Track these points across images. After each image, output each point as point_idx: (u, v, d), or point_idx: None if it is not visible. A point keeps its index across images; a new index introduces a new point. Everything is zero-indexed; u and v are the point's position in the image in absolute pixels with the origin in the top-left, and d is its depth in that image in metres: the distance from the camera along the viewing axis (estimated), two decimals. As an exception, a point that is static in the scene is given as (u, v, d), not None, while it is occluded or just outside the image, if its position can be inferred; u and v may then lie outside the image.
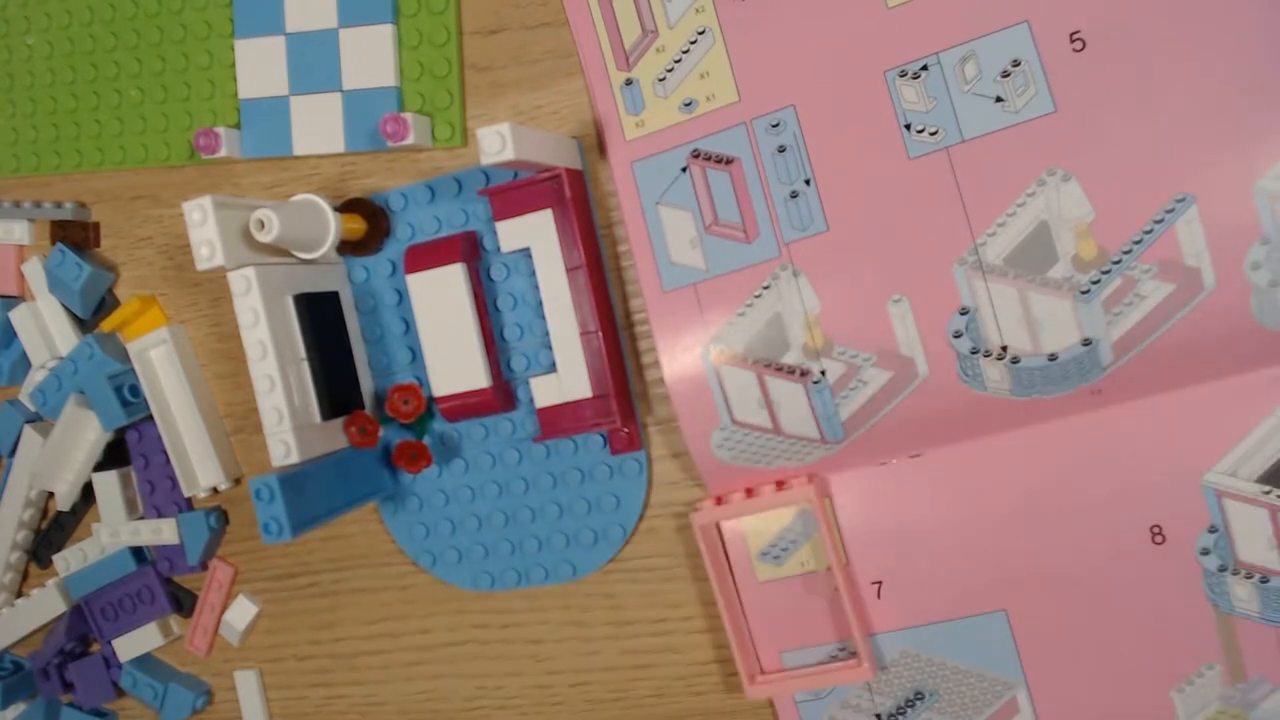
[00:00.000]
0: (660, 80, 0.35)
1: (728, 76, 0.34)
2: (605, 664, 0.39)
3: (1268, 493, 0.31)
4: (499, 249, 0.36)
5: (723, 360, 0.34)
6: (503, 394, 0.37)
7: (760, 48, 0.34)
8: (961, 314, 0.32)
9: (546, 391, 0.36)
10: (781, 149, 0.34)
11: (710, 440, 0.35)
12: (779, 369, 0.34)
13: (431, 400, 0.39)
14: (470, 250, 0.37)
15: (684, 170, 0.35)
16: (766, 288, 0.34)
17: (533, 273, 0.37)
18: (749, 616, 0.36)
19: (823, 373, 0.33)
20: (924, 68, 0.32)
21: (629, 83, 0.36)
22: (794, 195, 0.34)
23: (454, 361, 0.37)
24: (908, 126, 0.32)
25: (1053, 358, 0.31)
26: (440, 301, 0.37)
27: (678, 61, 0.35)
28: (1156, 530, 0.32)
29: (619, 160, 0.36)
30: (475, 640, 0.41)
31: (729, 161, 0.34)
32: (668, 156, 0.35)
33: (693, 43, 0.35)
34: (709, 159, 0.35)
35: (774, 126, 0.34)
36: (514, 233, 0.36)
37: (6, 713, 0.47)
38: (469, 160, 0.39)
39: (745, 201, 0.34)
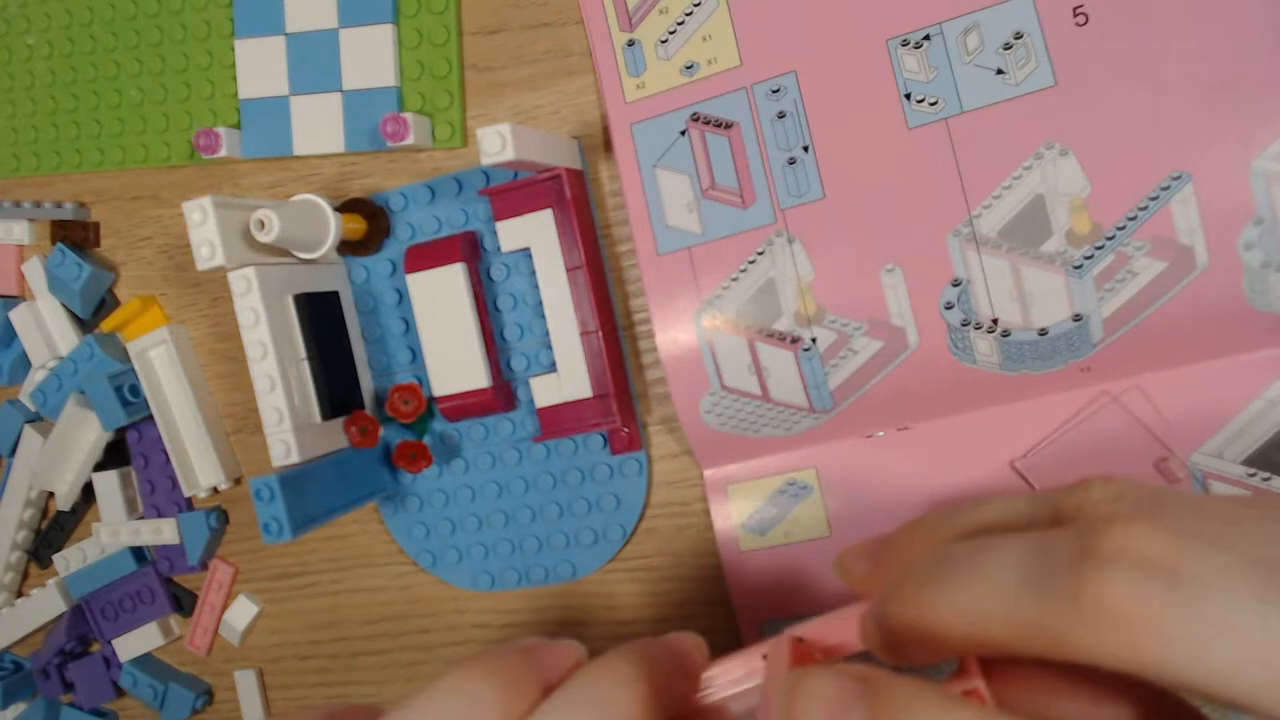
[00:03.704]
0: (662, 42, 0.35)
1: (730, 40, 0.34)
2: (605, 664, 0.39)
3: (1252, 475, 0.31)
4: (499, 249, 0.37)
5: (714, 325, 0.34)
6: (503, 394, 0.37)
7: (763, 12, 0.34)
8: (954, 285, 0.32)
9: (546, 391, 0.36)
10: (781, 115, 0.34)
11: (699, 406, 0.35)
12: (770, 335, 0.34)
13: (431, 400, 0.39)
14: (470, 250, 0.37)
15: (683, 133, 0.35)
16: (761, 253, 0.34)
17: (533, 273, 0.37)
18: (731, 586, 0.36)
19: (813, 340, 0.33)
20: (926, 37, 0.32)
21: (631, 44, 0.35)
22: (792, 162, 0.34)
23: (454, 361, 0.37)
24: (908, 96, 0.32)
25: (1043, 332, 0.31)
26: (440, 301, 0.37)
27: (680, 24, 0.35)
28: None
29: (618, 122, 0.36)
30: (475, 640, 0.41)
31: (728, 126, 0.34)
32: (667, 119, 0.35)
33: (696, 5, 0.35)
34: (708, 123, 0.35)
35: (774, 92, 0.34)
36: (514, 233, 0.36)
37: (6, 713, 0.47)
38: (469, 160, 0.39)
39: (743, 166, 0.34)
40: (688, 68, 0.35)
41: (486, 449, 0.39)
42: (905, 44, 0.32)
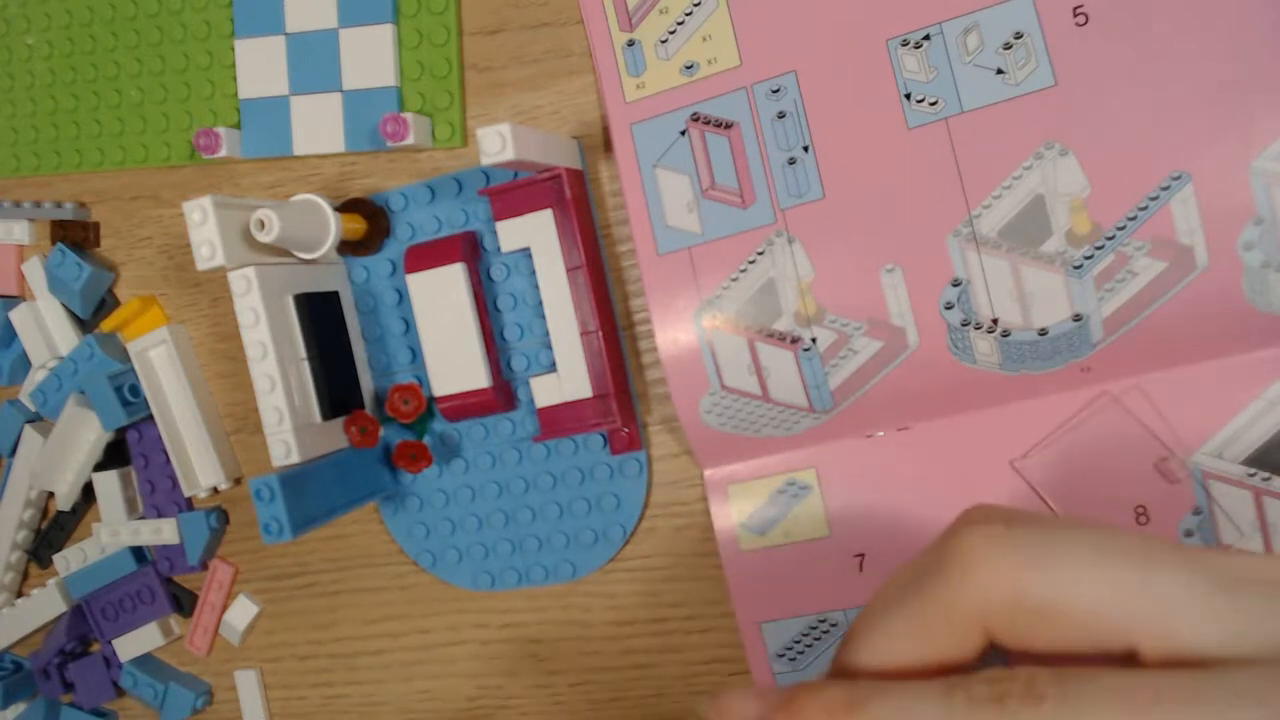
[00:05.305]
0: (662, 42, 0.35)
1: (730, 40, 0.34)
2: (605, 664, 0.39)
3: (1252, 475, 0.31)
4: (499, 249, 0.37)
5: (714, 325, 0.34)
6: (503, 394, 0.37)
7: (763, 12, 0.34)
8: (954, 285, 0.32)
9: (546, 391, 0.36)
10: (781, 115, 0.34)
11: (699, 406, 0.35)
12: (770, 335, 0.34)
13: (431, 400, 0.39)
14: (470, 250, 0.37)
15: (683, 133, 0.35)
16: (761, 253, 0.34)
17: (533, 273, 0.37)
18: (731, 586, 0.36)
19: (813, 340, 0.33)
20: (926, 37, 0.32)
21: (631, 44, 0.35)
22: (791, 161, 0.34)
23: (454, 361, 0.37)
24: (908, 96, 0.32)
25: (1043, 333, 0.31)
26: (440, 301, 0.37)
27: (680, 24, 0.35)
28: (1141, 511, 0.32)
29: (618, 122, 0.36)
30: (475, 640, 0.41)
31: (728, 126, 0.34)
32: (667, 119, 0.35)
33: (696, 4, 0.35)
34: (708, 123, 0.35)
35: (774, 92, 0.34)
36: (514, 233, 0.36)
37: (6, 713, 0.47)
38: (469, 160, 0.39)
39: (743, 166, 0.34)
40: (688, 68, 0.35)
41: (486, 449, 0.39)
42: (905, 44, 0.32)
